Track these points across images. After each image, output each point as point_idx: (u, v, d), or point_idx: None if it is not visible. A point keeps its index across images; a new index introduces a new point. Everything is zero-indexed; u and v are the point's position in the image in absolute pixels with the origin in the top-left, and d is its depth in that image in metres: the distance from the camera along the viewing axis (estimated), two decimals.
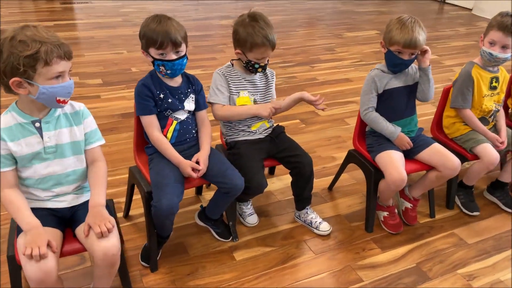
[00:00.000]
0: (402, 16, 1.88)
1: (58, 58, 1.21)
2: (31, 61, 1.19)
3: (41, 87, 1.23)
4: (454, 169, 1.89)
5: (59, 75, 1.24)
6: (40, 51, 1.18)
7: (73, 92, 1.33)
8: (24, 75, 1.21)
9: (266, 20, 1.78)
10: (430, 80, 1.93)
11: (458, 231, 2.07)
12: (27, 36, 1.20)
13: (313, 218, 2.00)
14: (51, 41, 1.21)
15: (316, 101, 1.84)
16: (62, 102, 1.29)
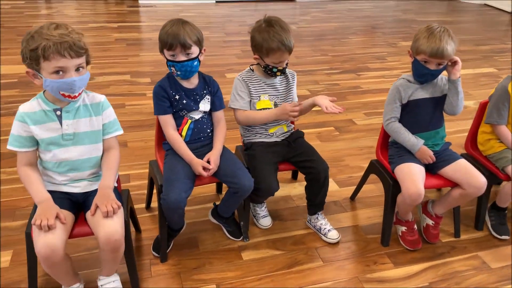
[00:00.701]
0: (431, 24, 1.83)
1: (56, 54, 1.32)
2: (34, 55, 1.32)
3: (44, 80, 1.36)
4: (479, 188, 1.79)
5: (59, 70, 1.35)
6: (39, 47, 1.30)
7: (84, 87, 1.44)
8: (33, 67, 1.34)
9: (282, 25, 1.80)
10: (459, 93, 1.85)
11: (482, 254, 1.95)
12: (39, 33, 1.33)
13: (323, 225, 1.98)
14: (55, 39, 1.31)
15: (327, 109, 1.80)
16: (67, 96, 1.40)
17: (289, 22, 2.70)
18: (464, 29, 6.23)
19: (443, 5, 8.01)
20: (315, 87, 3.83)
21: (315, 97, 1.88)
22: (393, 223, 2.00)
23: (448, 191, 1.93)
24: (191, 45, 1.66)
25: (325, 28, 5.89)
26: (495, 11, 7.58)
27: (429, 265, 1.88)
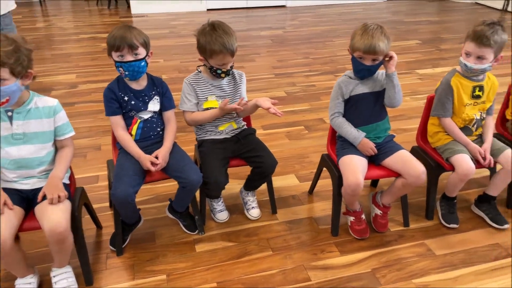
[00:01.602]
0: (367, 23, 1.92)
1: None
2: None
3: None
4: (416, 177, 1.86)
5: None
6: None
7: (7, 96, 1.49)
8: None
9: (225, 29, 1.90)
10: (395, 87, 1.93)
11: (429, 242, 2.02)
12: None
13: (250, 201, 2.15)
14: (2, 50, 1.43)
15: (269, 109, 1.91)
16: None
17: (277, 27, 2.72)
18: (452, 28, 6.28)
19: (434, 6, 8.05)
20: (292, 88, 3.93)
21: (258, 99, 1.97)
22: (343, 213, 2.08)
23: (393, 181, 2.01)
24: (138, 46, 1.77)
25: (311, 32, 5.98)
26: (486, 9, 7.61)
27: (374, 253, 1.95)
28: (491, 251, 1.96)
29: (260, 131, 3.10)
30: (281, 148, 2.86)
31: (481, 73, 1.99)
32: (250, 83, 4.03)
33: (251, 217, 2.15)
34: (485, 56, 1.91)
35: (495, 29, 1.88)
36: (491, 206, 2.15)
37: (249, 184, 2.15)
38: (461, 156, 1.98)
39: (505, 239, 2.04)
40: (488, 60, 1.93)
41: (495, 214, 2.12)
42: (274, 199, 2.20)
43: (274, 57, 4.83)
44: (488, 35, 1.87)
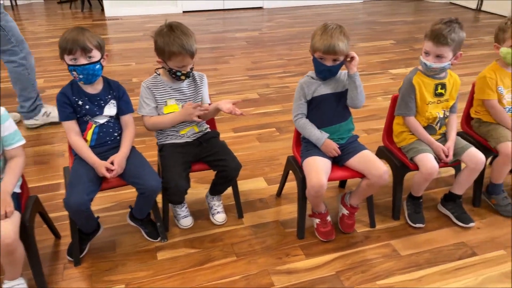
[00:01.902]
0: (326, 23, 1.89)
1: None
2: None
3: None
4: (378, 176, 1.84)
5: None
6: None
7: None
8: None
9: (184, 30, 1.86)
10: (357, 87, 1.91)
11: (394, 242, 2.00)
12: None
13: (215, 206, 2.11)
14: None
15: (231, 112, 1.88)
16: None
17: (253, 28, 2.67)
18: (426, 28, 6.26)
19: (411, 6, 8.12)
20: (265, 90, 3.90)
21: (219, 102, 1.94)
22: (309, 216, 2.05)
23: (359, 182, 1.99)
24: (92, 48, 1.72)
25: (287, 33, 5.96)
26: (460, 9, 7.70)
27: (340, 255, 1.93)
28: (456, 250, 1.96)
29: (231, 134, 3.06)
30: (252, 151, 2.83)
31: (441, 72, 1.99)
32: (223, 85, 4.00)
33: (216, 222, 2.11)
34: (443, 55, 1.91)
35: (452, 27, 1.88)
36: (456, 204, 2.15)
37: (213, 188, 2.11)
38: (424, 155, 1.97)
39: (470, 237, 2.03)
40: (447, 59, 1.93)
41: (461, 213, 2.12)
42: (240, 203, 2.16)
43: (249, 59, 4.79)
44: (445, 33, 1.87)
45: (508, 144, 2.05)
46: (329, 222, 2.01)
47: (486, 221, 2.14)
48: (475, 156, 1.99)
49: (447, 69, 1.99)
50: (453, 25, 1.89)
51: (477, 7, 7.45)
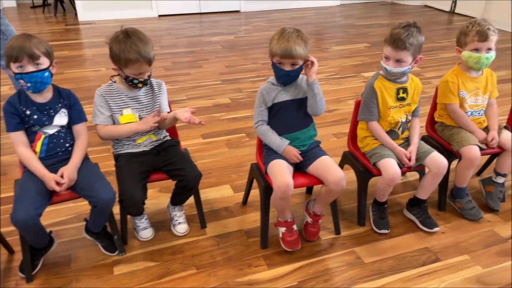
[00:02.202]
0: (284, 27, 1.86)
1: None
2: None
3: None
4: (335, 183, 1.80)
5: None
6: None
7: None
8: None
9: (140, 36, 1.80)
10: (316, 95, 1.86)
11: (359, 250, 1.97)
12: None
13: (177, 216, 2.06)
14: None
15: (189, 121, 1.82)
16: None
17: (229, 32, 2.60)
18: None
19: (387, 9, 8.20)
20: (237, 95, 3.85)
21: (176, 111, 1.89)
22: (274, 225, 2.00)
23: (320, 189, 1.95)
24: (39, 55, 1.64)
25: (262, 37, 5.94)
26: (434, 11, 7.80)
27: (303, 264, 1.89)
28: (420, 256, 1.94)
29: (199, 140, 3.00)
30: (219, 157, 2.78)
31: (402, 76, 1.97)
32: (194, 90, 3.95)
33: (177, 233, 2.05)
34: (403, 59, 1.89)
35: (410, 31, 1.86)
36: (421, 209, 2.13)
37: (174, 198, 2.05)
38: (387, 160, 1.95)
39: (435, 242, 2.02)
40: (407, 63, 1.91)
41: (426, 218, 2.10)
42: (202, 213, 2.11)
43: (223, 63, 4.74)
44: (404, 38, 1.85)
45: (470, 148, 2.05)
46: (295, 231, 1.97)
47: (450, 225, 2.13)
48: (438, 160, 1.98)
49: (407, 73, 1.97)
50: (411, 29, 1.88)
51: (451, 10, 7.55)
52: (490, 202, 2.22)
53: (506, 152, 2.14)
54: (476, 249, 1.97)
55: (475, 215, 2.14)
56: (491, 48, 2.04)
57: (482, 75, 2.16)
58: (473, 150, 2.04)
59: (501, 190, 2.23)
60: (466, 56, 2.07)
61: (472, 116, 2.15)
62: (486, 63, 2.07)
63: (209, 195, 2.37)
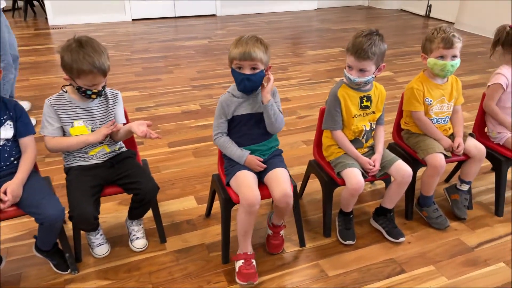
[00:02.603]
0: (242, 35, 1.80)
1: None
2: None
3: None
4: (279, 199, 1.73)
5: None
6: None
7: None
8: None
9: (95, 46, 1.70)
10: (271, 117, 1.78)
11: (323, 262, 1.92)
12: None
13: (134, 231, 1.98)
14: None
15: (145, 135, 1.74)
16: None
17: (203, 37, 2.40)
18: None
19: (363, 13, 8.24)
20: (208, 101, 3.77)
21: (131, 124, 1.80)
22: (232, 259, 1.89)
23: None
24: None
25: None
26: (410, 15, 7.86)
27: (265, 279, 1.82)
28: (385, 267, 1.89)
29: (165, 149, 2.91)
30: (185, 167, 2.69)
31: (365, 85, 1.93)
32: (164, 97, 3.85)
33: (135, 249, 1.96)
34: (366, 69, 1.84)
35: (372, 40, 1.82)
36: (387, 219, 2.09)
37: (131, 212, 1.96)
38: (350, 170, 1.90)
39: (401, 253, 1.98)
40: (370, 72, 1.87)
41: (392, 227, 2.06)
42: (162, 227, 2.02)
43: (194, 68, 4.66)
44: (366, 48, 1.80)
45: (435, 156, 2.02)
46: (253, 265, 1.83)
47: (417, 235, 2.10)
48: (402, 169, 1.94)
49: (371, 82, 1.93)
50: (373, 37, 1.83)
51: (426, 14, 7.63)
52: (456, 211, 2.19)
53: (471, 160, 2.12)
54: (442, 259, 1.94)
55: (442, 223, 2.11)
56: (456, 55, 2.02)
57: (447, 82, 2.13)
58: (438, 158, 2.01)
59: (466, 198, 2.20)
60: (432, 63, 2.05)
61: (437, 123, 2.13)
62: (451, 70, 2.04)
63: (171, 207, 2.28)
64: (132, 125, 1.78)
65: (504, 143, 2.22)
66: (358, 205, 2.33)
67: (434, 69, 2.05)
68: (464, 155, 2.12)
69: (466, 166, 2.16)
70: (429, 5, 7.55)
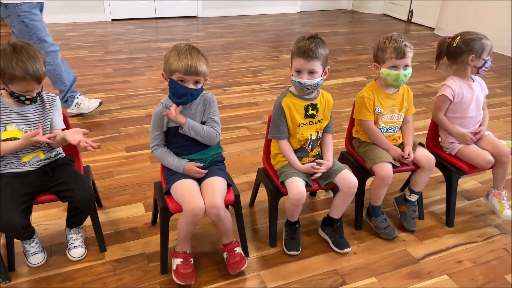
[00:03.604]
0: (179, 43, 1.76)
1: None
2: None
3: None
4: (208, 208, 1.70)
5: None
6: None
7: None
8: None
9: (30, 51, 1.65)
10: (196, 136, 1.77)
11: (264, 273, 1.88)
12: None
13: (72, 239, 1.92)
14: None
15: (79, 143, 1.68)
16: None
17: (180, 38, 2.27)
18: (354, 39, 6.40)
19: (347, 17, 8.24)
20: None
21: (66, 132, 1.74)
22: (171, 255, 1.86)
23: None
24: None
25: (214, 44, 5.84)
26: (392, 20, 7.88)
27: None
28: (326, 279, 1.86)
29: (122, 154, 2.86)
30: (139, 172, 2.64)
31: (315, 89, 1.89)
32: (130, 99, 3.79)
33: (71, 258, 1.90)
34: (315, 70, 1.82)
35: (316, 41, 1.80)
36: (334, 229, 2.06)
37: (68, 220, 1.91)
38: (293, 179, 1.87)
39: (344, 264, 1.94)
40: (319, 74, 1.84)
41: (338, 238, 2.03)
42: (102, 236, 1.97)
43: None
44: (313, 48, 1.79)
45: (382, 166, 1.99)
46: (191, 264, 1.82)
47: (364, 245, 2.07)
48: (347, 179, 1.90)
49: (320, 85, 1.89)
50: (317, 40, 1.82)
51: (408, 19, 7.65)
52: (404, 224, 2.17)
53: (420, 169, 2.10)
54: (386, 271, 1.91)
55: (390, 234, 2.08)
56: (408, 64, 2.00)
57: (399, 92, 2.11)
58: (385, 167, 1.98)
59: (414, 210, 2.18)
60: (385, 74, 2.02)
61: (387, 132, 2.10)
62: (404, 80, 2.02)
63: (118, 214, 2.23)
64: (66, 133, 1.73)
65: (456, 153, 2.20)
66: (309, 214, 2.30)
67: (387, 79, 2.03)
68: (413, 164, 2.10)
69: (416, 176, 2.13)
70: (411, 10, 7.57)
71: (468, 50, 2.06)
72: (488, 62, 2.09)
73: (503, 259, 1.99)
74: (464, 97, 2.15)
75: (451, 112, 2.19)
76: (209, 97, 1.85)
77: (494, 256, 2.01)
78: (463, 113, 2.18)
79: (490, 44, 2.06)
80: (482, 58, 2.07)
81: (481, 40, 2.04)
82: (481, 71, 2.11)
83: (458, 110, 2.17)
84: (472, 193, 2.50)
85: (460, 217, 2.29)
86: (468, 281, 1.86)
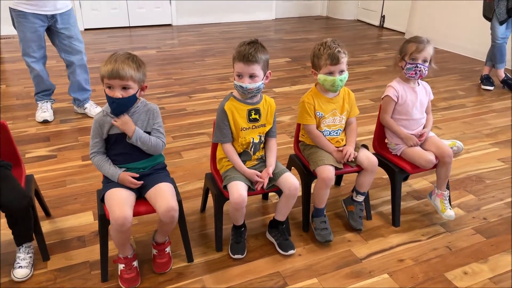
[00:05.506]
0: (116, 51, 1.77)
1: None
2: None
3: None
4: (163, 213, 1.72)
5: None
6: None
7: None
8: None
9: None
10: (143, 146, 1.80)
11: (207, 278, 1.89)
12: None
13: (19, 258, 1.88)
14: None
15: None
16: None
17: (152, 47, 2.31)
18: None
19: (321, 23, 8.34)
20: None
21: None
22: (113, 262, 1.87)
23: None
24: None
25: (186, 51, 5.86)
26: (365, 25, 8.00)
27: None
28: (268, 281, 1.87)
29: (77, 163, 2.85)
30: (92, 181, 2.63)
31: (257, 93, 1.92)
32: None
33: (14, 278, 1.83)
34: (255, 74, 1.85)
35: (256, 46, 1.84)
36: (279, 231, 2.08)
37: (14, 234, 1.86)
38: (234, 183, 1.88)
39: (288, 266, 1.96)
40: (260, 78, 1.87)
41: (283, 240, 2.05)
42: (44, 244, 1.96)
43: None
44: (252, 52, 1.82)
45: (324, 168, 2.02)
46: (135, 267, 1.84)
47: (309, 247, 2.09)
48: (289, 181, 1.93)
49: (261, 89, 1.92)
50: (256, 45, 1.85)
51: (380, 24, 7.78)
52: (352, 222, 2.20)
53: (363, 171, 2.13)
54: (327, 271, 1.93)
55: (324, 236, 2.08)
56: (343, 70, 2.04)
57: (339, 95, 2.15)
58: (327, 170, 2.01)
59: (361, 209, 2.21)
60: (322, 80, 2.05)
61: (329, 135, 2.14)
62: (341, 85, 2.06)
63: (67, 223, 2.23)
64: None
65: (401, 154, 2.24)
66: (260, 217, 2.32)
67: (325, 85, 2.06)
68: (356, 166, 2.13)
69: (360, 177, 2.17)
70: (383, 15, 7.70)
71: (398, 52, 2.14)
72: (409, 65, 2.12)
73: (444, 257, 2.03)
74: (407, 99, 2.20)
75: (396, 114, 2.24)
76: (152, 108, 1.87)
77: (435, 254, 2.05)
78: (407, 115, 2.23)
79: (421, 47, 2.09)
80: (405, 60, 2.13)
81: (409, 43, 2.11)
82: (407, 74, 2.16)
83: (402, 112, 2.22)
84: (421, 193, 2.55)
85: (408, 216, 2.33)
86: (408, 279, 1.89)
